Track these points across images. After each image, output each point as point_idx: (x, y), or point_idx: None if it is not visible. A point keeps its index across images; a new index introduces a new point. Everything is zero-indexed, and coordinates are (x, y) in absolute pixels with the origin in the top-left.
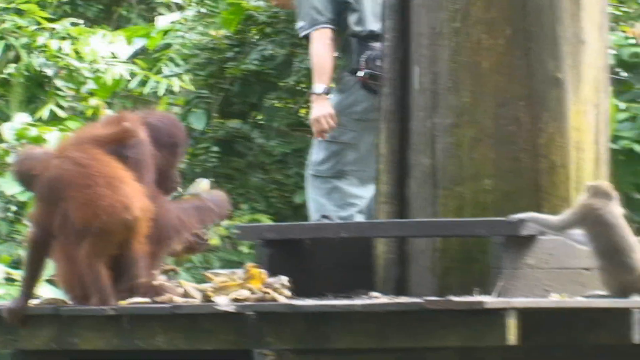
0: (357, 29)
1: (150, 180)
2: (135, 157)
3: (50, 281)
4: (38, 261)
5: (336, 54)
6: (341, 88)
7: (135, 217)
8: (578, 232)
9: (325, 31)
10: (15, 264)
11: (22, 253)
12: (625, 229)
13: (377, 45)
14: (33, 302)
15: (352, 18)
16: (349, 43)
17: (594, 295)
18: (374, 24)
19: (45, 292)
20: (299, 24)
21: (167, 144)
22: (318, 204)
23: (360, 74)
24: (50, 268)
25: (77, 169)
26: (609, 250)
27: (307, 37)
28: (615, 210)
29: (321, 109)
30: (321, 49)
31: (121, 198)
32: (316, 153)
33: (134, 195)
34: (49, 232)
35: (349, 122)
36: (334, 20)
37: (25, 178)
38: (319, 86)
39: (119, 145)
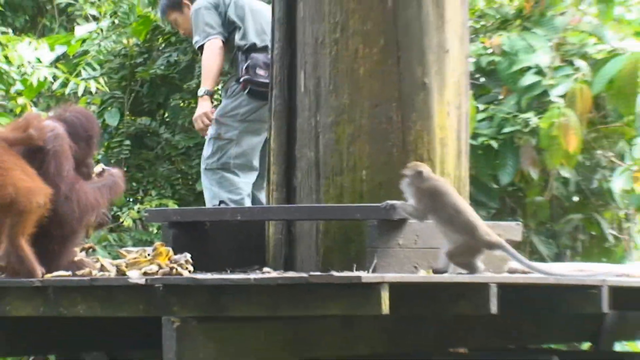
0: (241, 42)
1: (70, 168)
2: (55, 149)
3: None
4: None
5: (226, 65)
6: (228, 94)
7: (46, 202)
8: None
9: (215, 41)
10: None
11: None
12: (460, 197)
13: (257, 55)
14: None
15: (237, 35)
16: (236, 56)
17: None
18: (255, 38)
19: None
20: (195, 38)
21: (83, 136)
22: (212, 192)
23: (242, 79)
24: None
25: None
26: (451, 215)
27: (201, 49)
28: (446, 183)
29: (200, 109)
30: (210, 56)
31: (37, 183)
32: (206, 149)
33: (38, 181)
34: None
35: (233, 122)
36: (223, 34)
37: None
38: (202, 89)
39: (25, 146)
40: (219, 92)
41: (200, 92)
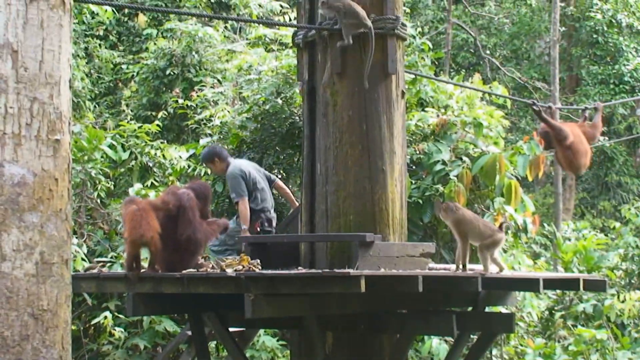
0: (252, 205)
1: (197, 215)
2: (189, 204)
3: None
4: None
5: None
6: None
7: (147, 240)
8: None
9: (244, 199)
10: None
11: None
12: None
13: (260, 214)
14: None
15: (251, 199)
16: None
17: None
18: (259, 204)
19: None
20: (232, 195)
21: (202, 197)
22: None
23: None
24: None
25: (133, 210)
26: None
27: (237, 202)
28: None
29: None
30: (243, 209)
31: (141, 230)
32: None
33: (150, 230)
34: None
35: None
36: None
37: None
38: (243, 226)
39: (164, 209)
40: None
41: (243, 227)
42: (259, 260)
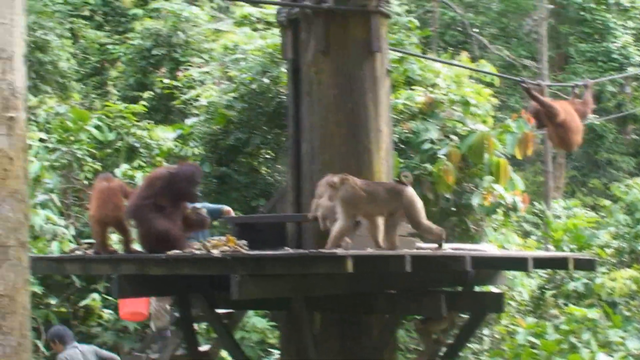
0: None
1: (161, 211)
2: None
3: None
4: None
5: None
6: None
7: (111, 220)
8: None
9: None
10: None
11: None
12: None
13: None
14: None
15: None
16: None
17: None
18: None
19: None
20: None
21: (186, 180)
22: None
23: None
24: None
25: (102, 187)
26: None
27: None
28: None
29: None
30: None
31: (107, 209)
32: None
33: (115, 209)
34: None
35: None
36: None
37: None
38: None
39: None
40: None
41: None
42: (245, 241)
